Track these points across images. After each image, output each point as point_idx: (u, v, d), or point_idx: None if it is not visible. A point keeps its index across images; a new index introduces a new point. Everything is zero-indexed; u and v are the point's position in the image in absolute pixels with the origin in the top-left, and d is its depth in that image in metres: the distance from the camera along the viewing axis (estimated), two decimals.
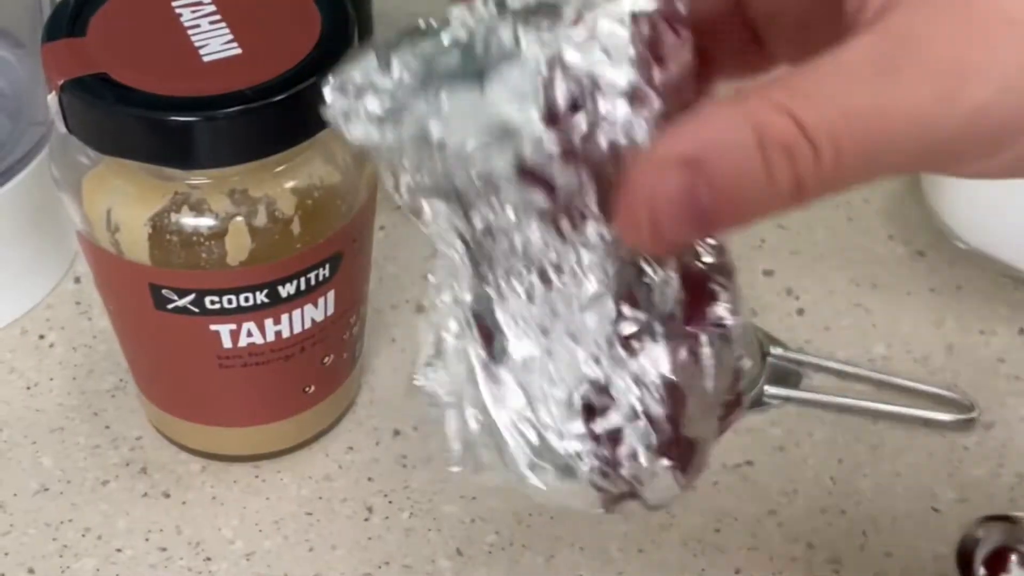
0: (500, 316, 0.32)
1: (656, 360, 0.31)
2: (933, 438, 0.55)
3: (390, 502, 0.52)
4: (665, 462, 0.32)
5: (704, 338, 0.32)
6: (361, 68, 0.31)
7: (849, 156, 0.25)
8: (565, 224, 0.30)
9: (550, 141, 0.28)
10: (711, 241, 0.32)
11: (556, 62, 0.28)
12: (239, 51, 0.45)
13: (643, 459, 0.32)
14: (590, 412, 0.32)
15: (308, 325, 0.49)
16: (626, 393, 0.32)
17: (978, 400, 0.55)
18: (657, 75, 0.28)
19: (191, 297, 0.47)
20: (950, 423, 0.55)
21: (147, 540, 0.51)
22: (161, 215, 0.45)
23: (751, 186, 0.25)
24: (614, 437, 0.32)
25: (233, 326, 0.48)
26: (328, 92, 0.31)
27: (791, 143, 0.25)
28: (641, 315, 0.31)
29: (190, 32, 0.45)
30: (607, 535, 0.51)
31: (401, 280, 0.61)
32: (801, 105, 0.25)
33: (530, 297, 0.31)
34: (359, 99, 0.31)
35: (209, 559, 0.51)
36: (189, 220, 0.45)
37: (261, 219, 0.45)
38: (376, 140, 0.31)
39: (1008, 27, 0.26)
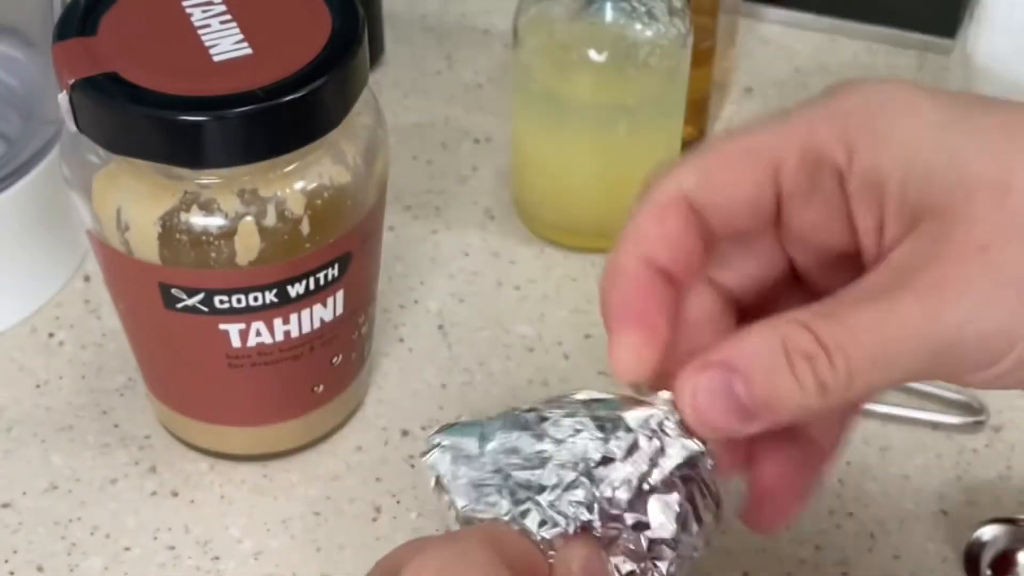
0: None
1: None
2: (942, 441, 0.54)
3: (398, 502, 0.52)
4: None
5: None
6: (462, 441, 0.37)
7: (858, 362, 0.31)
8: None
9: None
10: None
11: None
12: (249, 51, 0.45)
13: None
14: None
15: (317, 325, 0.49)
16: None
17: (987, 403, 0.55)
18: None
19: (200, 296, 0.47)
20: (959, 425, 0.55)
21: (155, 539, 0.51)
22: (171, 214, 0.45)
23: (781, 385, 0.31)
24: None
25: (242, 325, 0.48)
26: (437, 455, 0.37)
27: (810, 351, 0.31)
28: None
29: (200, 32, 0.45)
30: None
31: (410, 280, 0.61)
32: (818, 323, 0.31)
33: None
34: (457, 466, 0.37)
35: (217, 558, 0.51)
36: (199, 219, 0.45)
37: (271, 219, 0.45)
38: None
39: (979, 253, 0.30)
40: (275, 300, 0.47)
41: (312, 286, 0.48)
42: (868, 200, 0.32)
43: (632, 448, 0.35)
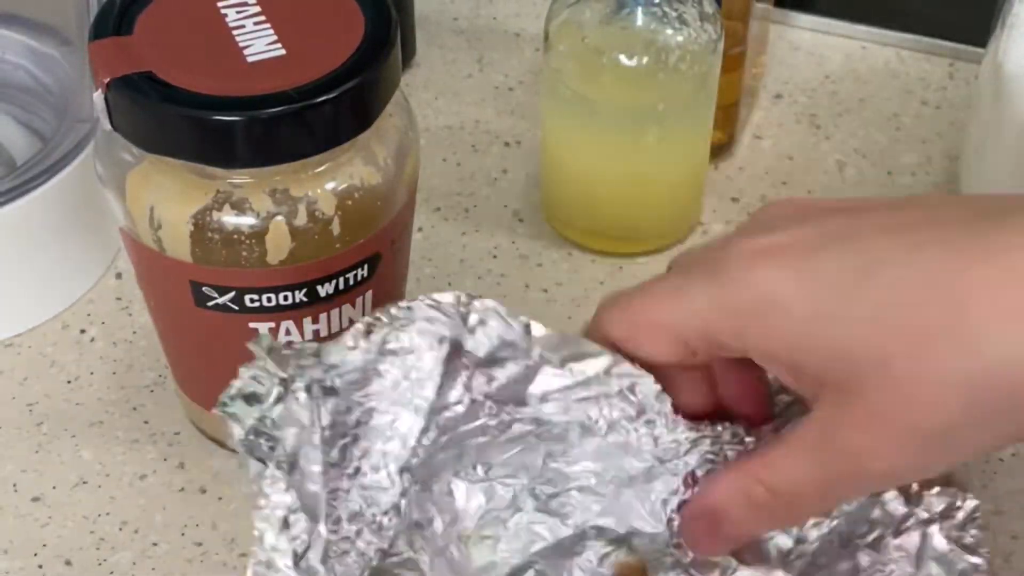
0: None
1: None
2: None
3: None
4: None
5: None
6: None
7: (803, 501, 0.41)
8: None
9: None
10: None
11: None
12: (283, 52, 0.45)
13: None
14: None
15: (346, 325, 0.49)
16: None
17: None
18: None
19: (231, 295, 0.47)
20: None
21: (183, 535, 0.52)
22: (203, 213, 0.45)
23: (750, 523, 0.42)
24: None
25: (272, 324, 0.48)
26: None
27: (766, 502, 0.41)
28: None
29: (235, 32, 0.46)
30: None
31: (438, 281, 0.62)
32: (766, 475, 0.40)
33: None
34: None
35: (244, 555, 0.51)
36: (230, 218, 0.45)
37: (301, 219, 0.46)
38: None
39: (873, 419, 0.37)
40: (305, 299, 0.48)
41: (341, 286, 0.48)
42: (769, 366, 0.41)
43: None
